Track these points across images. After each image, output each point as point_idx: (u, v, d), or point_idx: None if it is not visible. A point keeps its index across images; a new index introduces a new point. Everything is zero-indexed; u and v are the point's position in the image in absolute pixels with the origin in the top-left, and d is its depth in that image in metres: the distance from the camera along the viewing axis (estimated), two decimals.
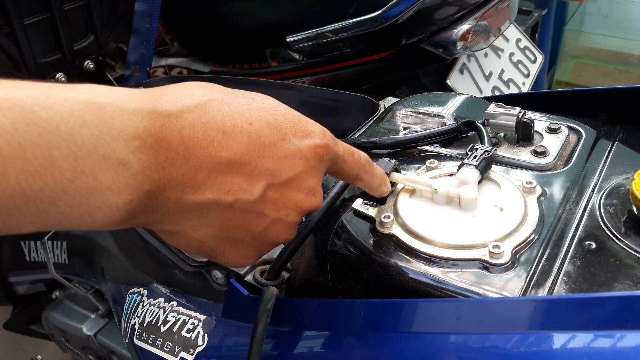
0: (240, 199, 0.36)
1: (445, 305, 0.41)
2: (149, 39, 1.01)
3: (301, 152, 0.39)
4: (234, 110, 0.36)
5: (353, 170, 0.45)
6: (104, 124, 0.31)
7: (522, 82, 1.59)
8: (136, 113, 0.32)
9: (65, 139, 0.29)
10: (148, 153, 0.32)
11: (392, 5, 1.22)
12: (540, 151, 0.57)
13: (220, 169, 0.35)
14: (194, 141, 0.33)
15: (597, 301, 0.36)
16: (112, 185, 0.31)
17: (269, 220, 0.39)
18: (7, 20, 0.85)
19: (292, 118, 0.40)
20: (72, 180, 0.30)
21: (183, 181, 0.34)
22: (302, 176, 0.39)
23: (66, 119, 0.30)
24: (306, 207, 0.41)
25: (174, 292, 0.65)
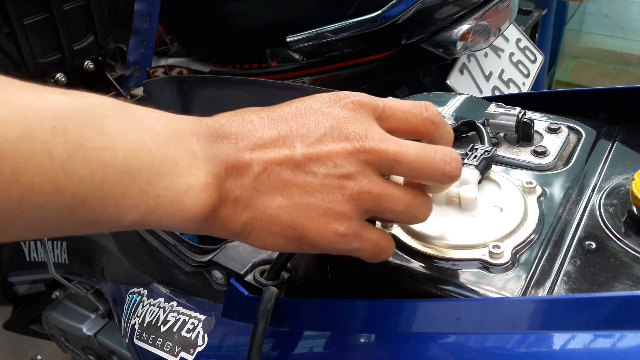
0: (283, 164, 0.38)
1: (445, 305, 0.41)
2: (149, 39, 1.02)
3: (323, 111, 0.39)
4: (258, 109, 0.41)
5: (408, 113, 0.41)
6: (170, 123, 0.36)
7: (522, 82, 1.59)
8: (187, 119, 0.38)
9: (149, 130, 0.34)
10: (204, 145, 0.37)
11: (392, 5, 1.22)
12: (540, 151, 0.57)
13: (259, 148, 0.38)
14: (231, 133, 0.38)
15: (597, 301, 0.36)
16: (190, 169, 0.35)
17: (320, 176, 0.38)
18: (6, 20, 0.85)
19: (312, 95, 0.41)
20: (161, 162, 0.34)
21: (235, 164, 0.37)
22: (333, 129, 0.39)
23: (145, 115, 0.35)
24: (350, 151, 0.38)
25: (174, 292, 0.65)
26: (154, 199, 0.34)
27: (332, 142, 0.38)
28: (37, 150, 0.30)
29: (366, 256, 0.42)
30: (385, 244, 0.42)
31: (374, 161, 0.38)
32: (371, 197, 0.39)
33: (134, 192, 0.33)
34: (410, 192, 0.41)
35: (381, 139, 0.39)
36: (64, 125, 0.31)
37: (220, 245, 0.57)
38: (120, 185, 0.33)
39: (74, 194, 0.31)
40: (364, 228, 0.40)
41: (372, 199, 0.39)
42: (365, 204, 0.39)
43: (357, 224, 0.39)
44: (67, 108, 0.32)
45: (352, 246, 0.40)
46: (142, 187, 0.33)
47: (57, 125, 0.30)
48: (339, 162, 0.38)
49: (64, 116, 0.31)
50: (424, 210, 0.42)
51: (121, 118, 0.34)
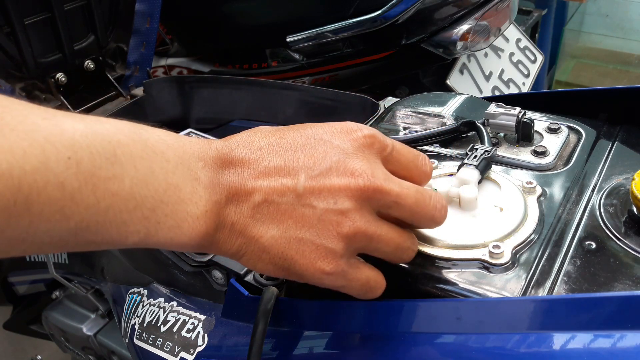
0: (285, 195, 0.39)
1: (445, 305, 0.41)
2: (149, 39, 1.02)
3: (333, 143, 0.40)
4: (268, 134, 0.41)
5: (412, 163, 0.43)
6: (180, 148, 0.38)
7: (522, 82, 1.59)
8: (198, 142, 0.39)
9: (159, 155, 0.36)
10: (210, 171, 0.38)
11: (392, 5, 1.22)
12: (540, 151, 0.57)
13: (263, 176, 0.39)
14: (239, 160, 0.39)
15: (597, 301, 0.36)
16: (192, 197, 0.37)
17: (319, 211, 0.39)
18: (7, 20, 0.85)
19: (326, 124, 0.41)
20: (165, 190, 0.36)
21: (237, 192, 0.39)
22: (339, 163, 0.39)
23: (158, 140, 0.37)
24: (352, 189, 0.38)
25: (174, 292, 0.65)
26: (154, 224, 0.36)
27: (337, 176, 0.39)
28: (51, 181, 0.31)
29: (353, 293, 0.42)
30: (374, 283, 0.42)
31: (375, 200, 0.39)
32: (365, 237, 0.39)
33: (136, 219, 0.35)
34: (400, 234, 0.42)
35: (385, 178, 0.39)
36: (78, 156, 0.32)
37: None
38: (123, 212, 0.34)
39: (79, 220, 0.33)
40: (353, 267, 0.40)
41: (365, 239, 0.39)
42: (358, 243, 0.40)
43: (345, 262, 0.40)
44: (83, 137, 0.33)
45: (339, 284, 0.41)
46: (145, 214, 0.35)
47: (71, 156, 0.32)
48: (339, 199, 0.38)
49: (79, 146, 0.32)
50: (410, 253, 0.43)
51: (134, 144, 0.35)
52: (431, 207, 0.41)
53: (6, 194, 0.29)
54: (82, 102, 0.96)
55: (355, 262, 0.41)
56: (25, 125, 0.31)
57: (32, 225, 0.31)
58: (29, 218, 0.31)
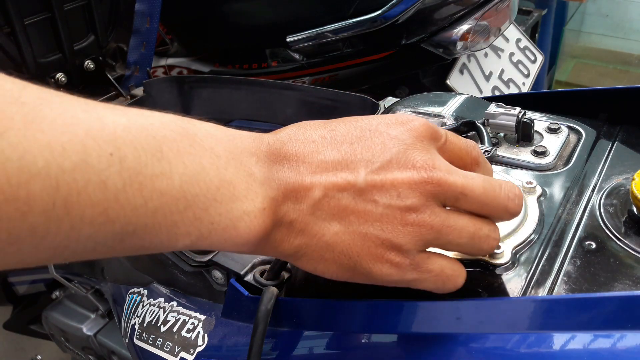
0: (345, 190, 0.37)
1: (445, 305, 0.41)
2: (149, 39, 1.02)
3: (390, 134, 0.38)
4: (319, 127, 0.39)
5: (464, 151, 0.40)
6: (230, 142, 0.35)
7: (522, 82, 1.59)
8: (249, 136, 0.37)
9: (208, 151, 0.34)
10: (264, 166, 0.36)
11: (392, 5, 1.22)
12: (540, 151, 0.57)
13: (320, 171, 0.37)
14: (293, 153, 0.37)
15: (597, 301, 0.36)
16: (247, 194, 0.35)
17: (382, 205, 0.36)
18: (7, 20, 0.85)
19: (378, 116, 0.40)
20: (218, 187, 0.33)
21: (294, 188, 0.36)
22: (399, 155, 0.37)
23: (206, 134, 0.34)
24: (417, 182, 0.36)
25: (174, 292, 0.65)
26: (207, 225, 0.33)
27: (398, 169, 0.36)
28: (92, 180, 0.28)
29: (428, 287, 0.39)
30: (450, 272, 0.39)
31: (440, 193, 0.37)
32: (432, 230, 0.37)
33: (188, 220, 0.32)
34: (475, 222, 0.38)
35: (448, 170, 0.37)
36: (121, 152, 0.30)
37: None
38: (174, 213, 0.32)
39: (125, 224, 0.30)
40: (424, 259, 0.38)
41: (433, 232, 0.37)
42: (425, 236, 0.37)
43: (415, 255, 0.37)
44: (126, 131, 0.30)
45: (409, 277, 0.38)
46: (197, 214, 0.33)
47: (114, 152, 0.29)
48: (402, 192, 0.36)
49: (122, 141, 0.30)
50: (491, 242, 0.39)
51: (182, 139, 0.33)
52: (503, 196, 0.38)
53: (44, 196, 0.27)
54: None
55: (425, 254, 0.38)
56: (65, 118, 0.29)
57: (74, 229, 0.29)
58: (69, 222, 0.28)
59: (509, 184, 0.39)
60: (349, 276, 0.38)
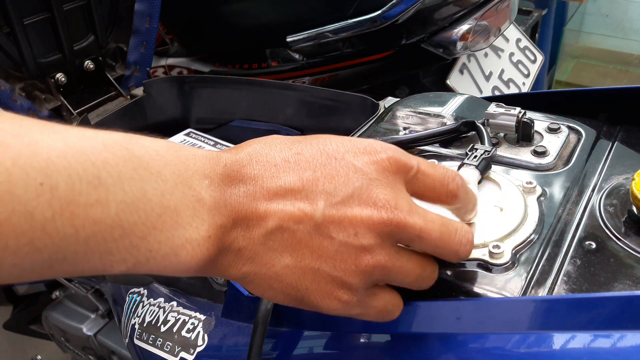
0: (301, 222, 0.35)
1: (445, 305, 0.41)
2: (149, 39, 1.02)
3: (355, 166, 0.36)
4: (284, 147, 0.37)
5: (438, 183, 0.39)
6: (182, 164, 0.34)
7: (522, 82, 1.59)
8: (204, 156, 0.35)
9: (154, 175, 0.32)
10: (216, 190, 0.35)
11: (392, 5, 1.22)
12: (540, 151, 0.57)
13: (277, 198, 0.36)
14: (251, 177, 0.36)
15: (597, 301, 0.36)
16: (192, 221, 0.33)
17: (337, 243, 0.36)
18: (7, 20, 0.85)
19: (347, 140, 0.38)
20: (160, 215, 0.32)
21: (247, 214, 0.35)
22: (361, 190, 0.36)
23: (154, 157, 0.33)
24: (375, 222, 0.35)
25: (174, 292, 0.65)
26: (145, 253, 0.32)
27: (359, 206, 0.35)
28: (17, 211, 0.27)
29: (369, 319, 0.40)
30: (391, 307, 0.40)
31: (397, 233, 0.36)
32: (384, 270, 0.37)
33: (123, 247, 0.31)
34: (421, 264, 0.39)
35: (409, 210, 0.36)
36: (52, 180, 0.28)
37: None
38: (108, 241, 0.30)
39: (54, 252, 0.29)
40: (370, 296, 0.38)
41: (384, 272, 0.37)
42: (376, 276, 0.37)
43: (362, 292, 0.37)
44: (61, 158, 0.29)
45: (354, 312, 0.38)
46: (133, 242, 0.31)
47: (44, 181, 0.28)
48: (360, 231, 0.35)
49: (54, 169, 0.28)
50: (430, 282, 0.40)
51: (124, 163, 0.31)
52: (456, 242, 0.38)
53: None
54: (82, 102, 0.96)
55: (372, 290, 0.38)
56: None
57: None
58: None
59: (465, 229, 0.39)
60: (295, 305, 0.38)
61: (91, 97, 0.97)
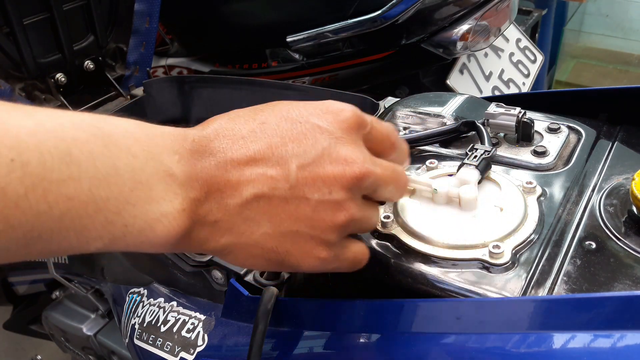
0: (276, 188, 0.36)
1: (445, 305, 0.41)
2: (149, 39, 1.02)
3: (320, 127, 0.38)
4: (248, 119, 0.38)
5: (385, 137, 0.42)
6: (150, 141, 0.34)
7: (522, 82, 1.59)
8: (172, 134, 0.36)
9: (124, 151, 0.32)
10: (186, 165, 0.35)
11: (392, 5, 1.22)
12: (540, 151, 0.57)
13: (248, 166, 0.36)
14: (220, 150, 0.36)
15: (597, 301, 0.36)
16: (165, 195, 0.34)
17: (313, 202, 0.37)
18: (6, 20, 0.85)
19: (308, 104, 0.39)
20: (132, 189, 0.32)
21: (219, 185, 0.36)
22: (330, 149, 0.37)
23: (123, 134, 0.33)
24: (348, 178, 0.37)
25: (174, 292, 0.65)
26: (121, 228, 0.32)
27: (330, 164, 0.37)
28: None
29: (343, 270, 0.42)
30: (360, 256, 0.42)
31: (364, 185, 0.38)
32: (355, 222, 0.39)
33: (99, 223, 0.31)
34: (376, 212, 0.42)
35: (372, 162, 0.39)
36: (24, 157, 0.28)
37: None
38: (83, 217, 0.31)
39: (28, 230, 0.29)
40: (344, 249, 0.41)
41: (356, 224, 0.40)
42: (349, 229, 0.39)
43: (337, 246, 0.40)
44: (31, 135, 0.29)
45: (332, 266, 0.40)
46: (108, 217, 0.31)
47: (15, 158, 0.28)
48: (334, 189, 0.37)
49: (25, 146, 0.29)
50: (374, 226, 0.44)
51: (95, 140, 0.31)
52: (403, 183, 0.42)
53: None
54: (82, 102, 0.96)
55: (345, 243, 0.41)
56: None
57: None
58: None
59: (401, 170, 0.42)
60: (275, 268, 0.40)
61: (91, 97, 0.97)
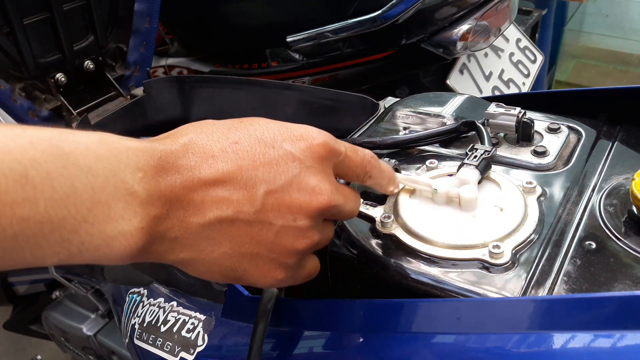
0: (241, 212, 0.37)
1: (445, 305, 0.41)
2: (149, 39, 1.01)
3: (293, 154, 0.38)
4: (221, 136, 0.38)
5: (359, 167, 0.43)
6: (114, 158, 0.34)
7: (522, 82, 1.59)
8: (139, 149, 0.35)
9: (84, 171, 0.32)
10: (150, 183, 0.35)
11: (392, 5, 1.22)
12: (540, 151, 0.57)
13: (215, 185, 0.36)
14: (187, 168, 0.36)
15: (597, 301, 0.36)
16: (124, 214, 0.33)
17: (277, 228, 0.38)
18: (7, 20, 0.85)
19: (283, 127, 0.40)
20: (90, 209, 0.32)
21: (183, 205, 0.36)
22: (299, 178, 0.38)
23: (84, 152, 0.33)
24: (314, 207, 0.39)
25: (174, 292, 0.65)
26: (77, 245, 0.32)
27: (297, 192, 0.38)
28: None
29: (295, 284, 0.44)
30: (314, 270, 0.44)
31: (327, 213, 0.40)
32: (316, 245, 0.41)
33: (54, 241, 0.31)
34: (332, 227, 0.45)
35: (338, 192, 0.40)
36: None
37: None
38: (38, 236, 0.31)
39: None
40: (300, 268, 0.42)
41: (315, 246, 0.41)
42: (309, 252, 0.41)
43: (296, 267, 0.41)
44: None
45: (286, 284, 0.42)
46: (64, 236, 0.32)
47: None
48: (299, 216, 0.38)
49: None
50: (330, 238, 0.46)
51: (53, 160, 0.31)
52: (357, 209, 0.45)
53: None
54: (82, 102, 0.96)
55: (302, 262, 0.42)
56: None
57: None
58: None
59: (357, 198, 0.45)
60: (232, 282, 0.41)
61: (91, 97, 0.97)
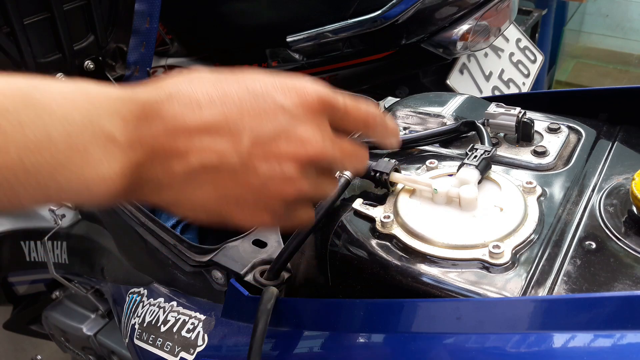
0: (225, 158, 0.36)
1: (445, 305, 0.41)
2: (149, 39, 1.01)
3: (283, 106, 0.37)
4: (210, 87, 0.37)
5: (359, 118, 0.41)
6: (92, 106, 0.33)
7: (522, 82, 1.59)
8: (119, 98, 0.35)
9: (60, 119, 0.32)
10: (130, 129, 0.34)
11: (392, 5, 1.22)
12: (540, 151, 0.57)
13: (200, 134, 0.35)
14: (171, 115, 0.35)
15: (597, 301, 0.36)
16: (103, 158, 0.33)
17: (263, 175, 0.37)
18: (7, 20, 0.85)
19: (276, 79, 0.38)
20: (68, 155, 0.32)
21: (166, 152, 0.35)
22: (288, 128, 0.37)
23: (60, 102, 0.33)
24: (302, 157, 0.37)
25: (174, 292, 0.65)
26: (56, 190, 0.32)
27: (285, 142, 0.37)
28: None
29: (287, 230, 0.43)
30: (306, 217, 0.42)
31: (318, 164, 0.38)
32: (305, 195, 0.39)
33: (31, 187, 0.31)
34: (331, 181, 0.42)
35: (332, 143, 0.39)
36: None
37: (220, 245, 0.57)
38: (12, 182, 0.31)
39: None
40: (290, 215, 0.40)
41: (305, 198, 0.39)
42: (299, 201, 0.39)
43: (284, 214, 0.39)
44: None
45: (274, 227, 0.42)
46: (41, 182, 0.32)
47: None
48: (285, 165, 0.37)
49: None
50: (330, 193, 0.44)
51: (25, 110, 0.31)
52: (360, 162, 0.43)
53: None
54: None
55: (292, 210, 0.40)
56: None
57: None
58: None
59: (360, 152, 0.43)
60: (217, 224, 0.39)
61: None
